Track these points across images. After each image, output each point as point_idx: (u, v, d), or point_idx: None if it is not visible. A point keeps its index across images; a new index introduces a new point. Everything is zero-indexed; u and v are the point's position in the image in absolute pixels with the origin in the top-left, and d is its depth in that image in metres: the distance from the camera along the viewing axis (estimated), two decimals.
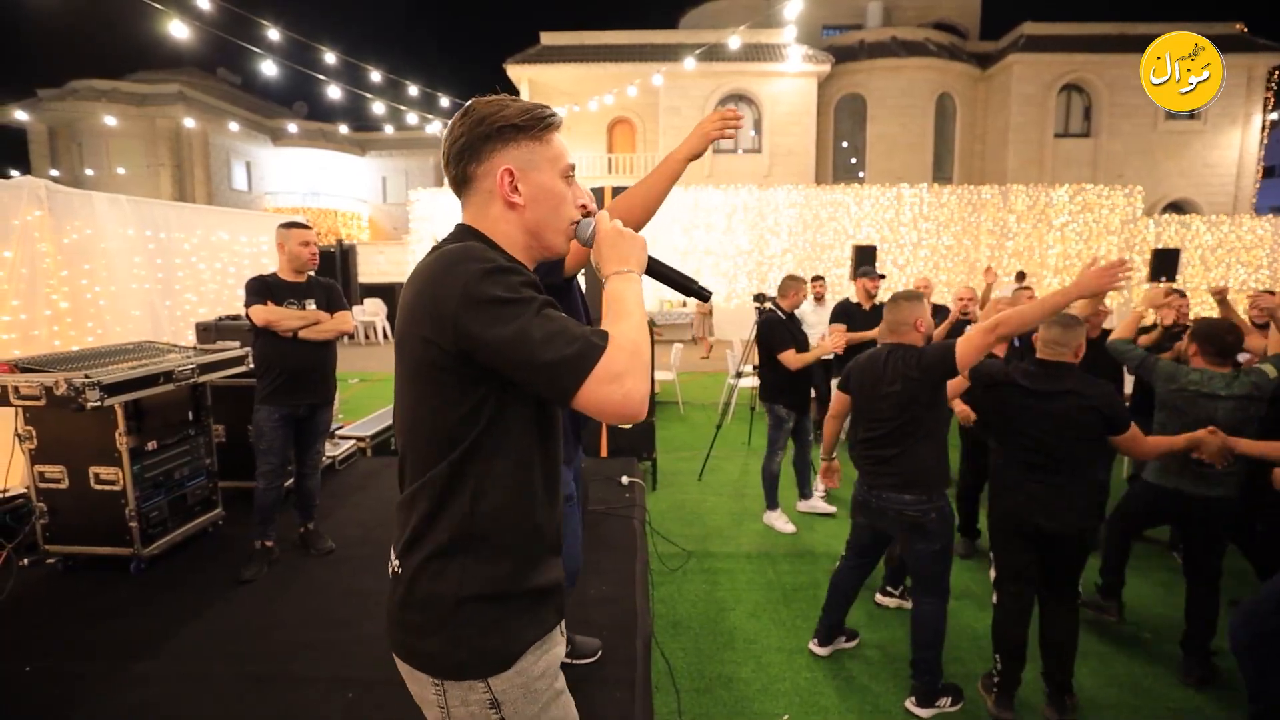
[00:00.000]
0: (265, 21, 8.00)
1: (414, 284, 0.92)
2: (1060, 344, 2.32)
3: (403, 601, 0.94)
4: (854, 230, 13.86)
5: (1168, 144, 20.17)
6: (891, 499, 2.38)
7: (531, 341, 0.82)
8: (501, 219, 0.98)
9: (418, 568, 0.93)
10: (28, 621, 2.57)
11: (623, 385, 0.82)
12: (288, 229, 3.04)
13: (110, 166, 22.58)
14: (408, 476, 0.96)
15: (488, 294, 0.84)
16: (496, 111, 0.96)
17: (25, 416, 2.83)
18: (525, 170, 0.97)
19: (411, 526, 0.93)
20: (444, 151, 0.99)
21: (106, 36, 27.64)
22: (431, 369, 0.88)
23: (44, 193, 3.73)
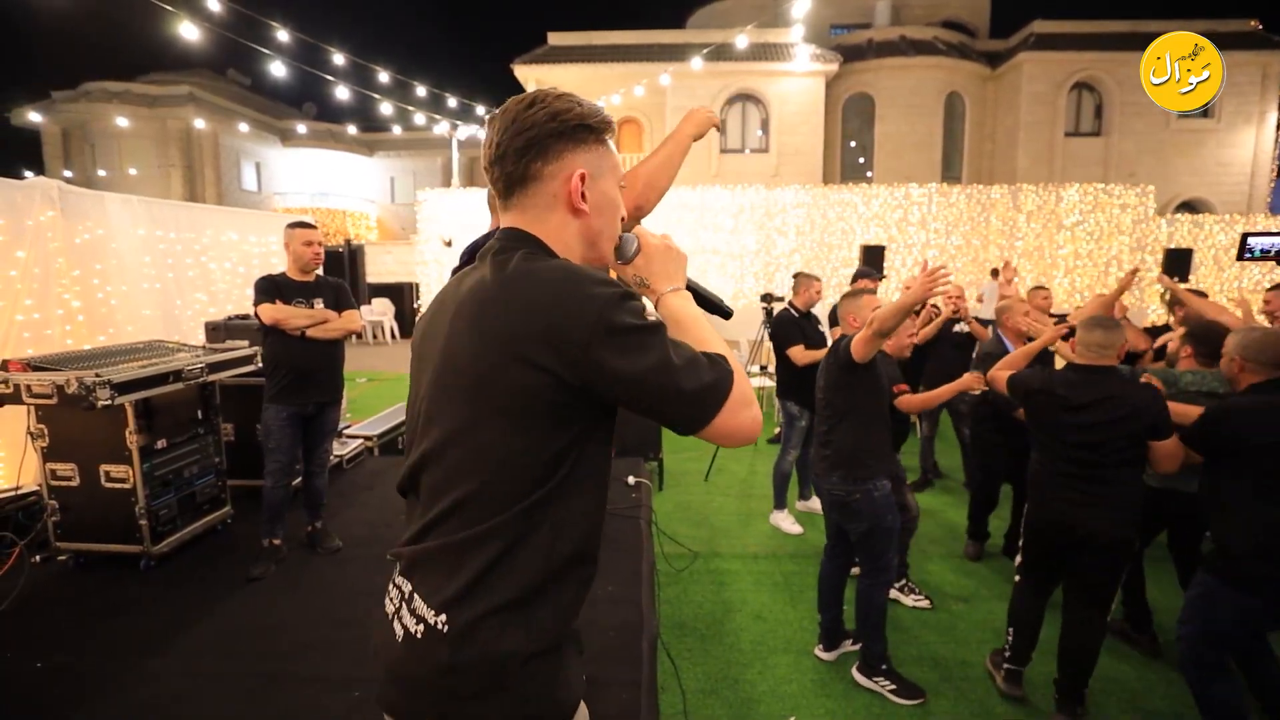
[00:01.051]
0: (274, 23, 8.05)
1: (504, 304, 0.80)
2: (1103, 346, 2.27)
3: (449, 665, 0.78)
4: (862, 230, 13.80)
5: (1180, 143, 19.94)
6: (823, 480, 2.59)
7: (673, 370, 0.76)
8: (563, 226, 0.89)
9: (475, 622, 0.79)
10: (39, 618, 2.59)
11: (751, 409, 0.80)
12: (292, 229, 3.08)
13: (122, 167, 22.80)
14: (465, 518, 0.81)
15: (625, 322, 0.76)
16: (571, 108, 0.87)
17: (38, 415, 2.86)
18: (594, 176, 0.90)
19: (472, 574, 0.80)
20: (497, 143, 0.87)
21: (119, 38, 27.91)
22: (536, 400, 0.78)
23: (56, 193, 3.77)
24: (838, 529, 2.71)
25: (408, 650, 0.82)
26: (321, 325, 3.02)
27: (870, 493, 2.47)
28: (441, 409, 0.85)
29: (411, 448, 0.91)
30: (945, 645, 2.82)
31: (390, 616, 0.87)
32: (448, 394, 0.85)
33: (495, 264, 0.85)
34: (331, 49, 9.27)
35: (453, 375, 0.84)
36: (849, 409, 2.54)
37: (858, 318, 2.59)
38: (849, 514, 2.53)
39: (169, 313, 4.62)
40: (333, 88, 10.34)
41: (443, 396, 0.85)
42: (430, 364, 0.89)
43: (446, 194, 14.65)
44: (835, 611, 2.76)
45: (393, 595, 0.88)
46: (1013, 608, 2.51)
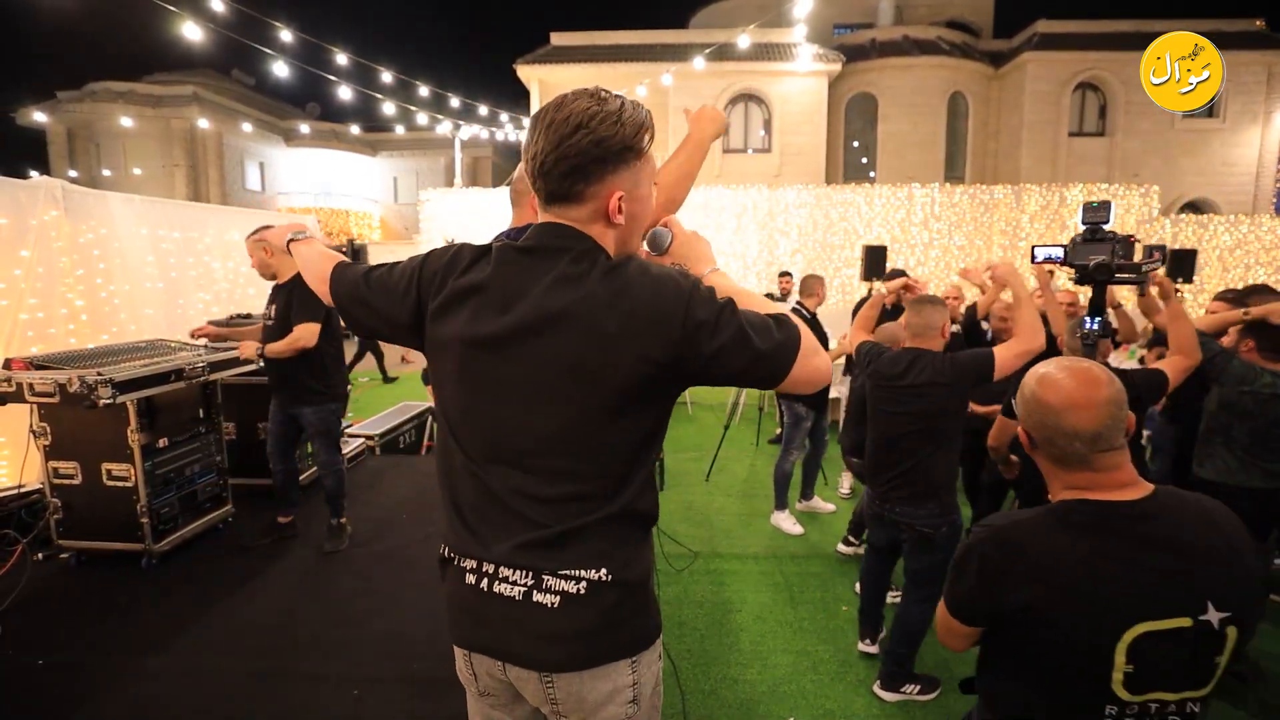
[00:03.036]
0: (278, 23, 8.07)
1: (609, 308, 0.90)
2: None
3: (618, 601, 0.95)
4: (864, 230, 13.77)
5: (1185, 143, 19.86)
6: (905, 513, 2.39)
7: (750, 337, 0.88)
8: (601, 235, 0.97)
9: (620, 566, 0.95)
10: (41, 616, 2.61)
11: (820, 356, 0.92)
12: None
13: (127, 167, 22.89)
14: (585, 504, 0.95)
15: (706, 305, 0.89)
16: (614, 134, 0.90)
17: (40, 413, 2.87)
18: (631, 191, 0.95)
19: (613, 525, 0.96)
20: (542, 158, 0.91)
21: (123, 39, 28.04)
22: (645, 392, 0.92)
23: (60, 193, 3.79)
24: (888, 542, 2.60)
25: (569, 609, 0.93)
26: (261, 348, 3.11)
27: (955, 523, 2.36)
28: (545, 408, 0.94)
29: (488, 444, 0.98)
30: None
31: (522, 597, 0.95)
32: (552, 393, 0.93)
33: (580, 266, 0.93)
34: (335, 49, 9.29)
35: (559, 375, 0.92)
36: (954, 434, 2.36)
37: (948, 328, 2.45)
38: (929, 547, 2.36)
39: (171, 312, 4.64)
40: (336, 88, 10.36)
41: (546, 395, 0.93)
42: (514, 363, 0.94)
43: (449, 194, 14.67)
44: (880, 606, 2.75)
45: (515, 578, 0.95)
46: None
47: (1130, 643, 1.00)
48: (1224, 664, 1.02)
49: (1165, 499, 1.07)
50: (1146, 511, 1.05)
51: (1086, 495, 1.08)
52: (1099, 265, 1.90)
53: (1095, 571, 1.01)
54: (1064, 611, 1.02)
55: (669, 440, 5.60)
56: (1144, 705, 1.02)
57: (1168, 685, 1.02)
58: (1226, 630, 1.00)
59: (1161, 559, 1.01)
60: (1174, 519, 1.05)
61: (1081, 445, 1.07)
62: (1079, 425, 1.07)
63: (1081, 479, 1.09)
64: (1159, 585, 1.00)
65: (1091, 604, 1.01)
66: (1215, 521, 1.06)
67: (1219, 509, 1.09)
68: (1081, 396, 1.08)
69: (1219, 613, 0.99)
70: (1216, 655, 1.01)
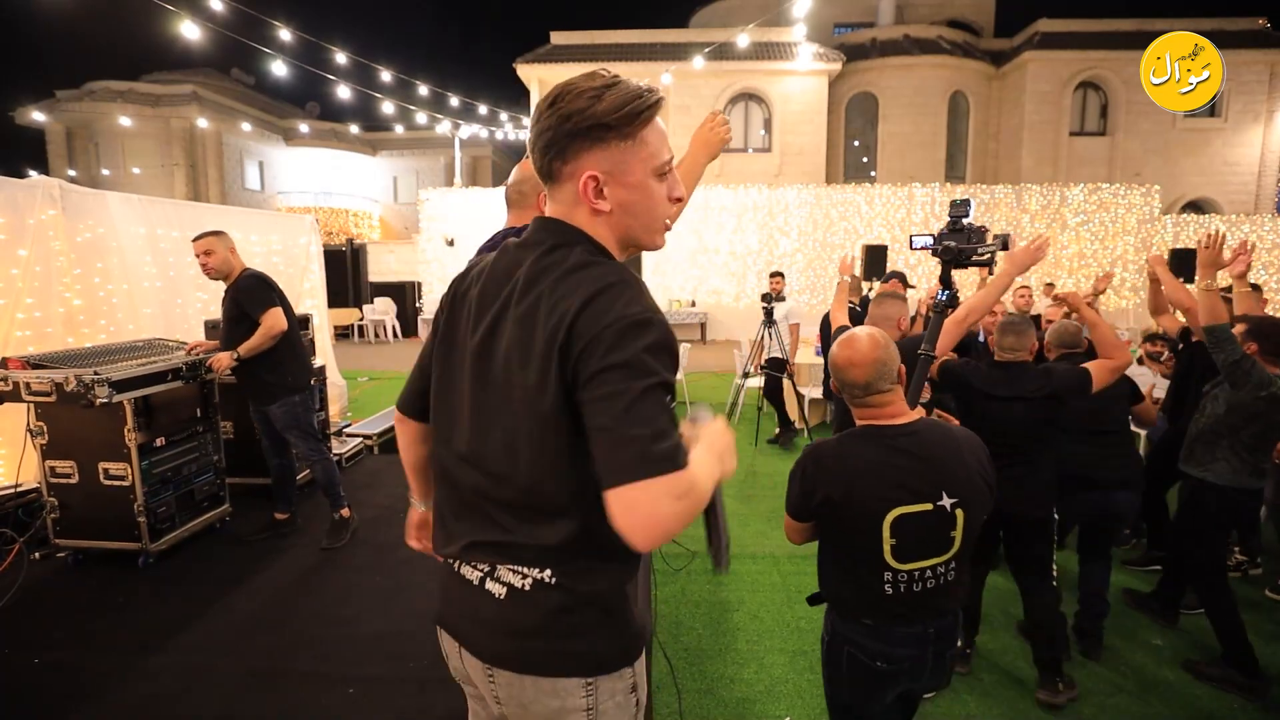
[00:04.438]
0: (277, 22, 8.07)
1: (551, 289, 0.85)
2: (1016, 349, 2.48)
3: (562, 606, 0.89)
4: (865, 230, 13.77)
5: (1187, 142, 19.84)
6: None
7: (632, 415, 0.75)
8: (589, 223, 0.91)
9: (577, 572, 0.90)
10: (38, 615, 2.61)
11: (682, 503, 0.74)
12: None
13: (126, 166, 22.89)
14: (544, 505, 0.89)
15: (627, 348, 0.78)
16: (586, 108, 0.85)
17: (37, 412, 2.87)
18: (613, 174, 0.88)
19: (565, 534, 0.88)
20: (530, 138, 0.92)
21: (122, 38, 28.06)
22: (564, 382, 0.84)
23: (58, 192, 3.78)
24: None
25: (512, 606, 0.91)
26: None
27: None
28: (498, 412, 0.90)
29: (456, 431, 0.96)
30: None
31: (478, 582, 0.94)
32: (495, 384, 0.90)
33: (540, 255, 0.89)
34: (334, 48, 9.29)
35: (505, 361, 0.88)
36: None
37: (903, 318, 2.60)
38: None
39: (170, 311, 4.63)
40: (336, 87, 10.36)
41: (490, 386, 0.91)
42: (478, 355, 0.92)
43: (449, 193, 14.68)
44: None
45: (475, 564, 0.95)
46: None
47: (892, 521, 1.41)
48: (959, 538, 1.44)
49: (922, 424, 1.49)
50: (905, 431, 1.47)
51: (869, 423, 1.51)
52: (945, 249, 2.31)
53: (868, 471, 1.43)
54: (849, 500, 1.43)
55: None
56: (909, 572, 1.44)
57: (922, 554, 1.43)
58: (956, 512, 1.42)
59: (912, 462, 1.43)
60: (925, 437, 1.46)
61: (859, 390, 1.49)
62: (855, 378, 1.48)
63: (865, 413, 1.52)
64: (910, 480, 1.42)
65: (865, 494, 1.42)
66: (955, 439, 1.49)
67: (962, 433, 1.54)
68: (857, 357, 1.48)
69: (950, 499, 1.41)
70: (951, 530, 1.43)
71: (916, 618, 1.46)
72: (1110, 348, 2.43)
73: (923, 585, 1.44)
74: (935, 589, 1.45)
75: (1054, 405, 2.40)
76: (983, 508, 1.47)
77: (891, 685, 1.51)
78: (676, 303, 13.86)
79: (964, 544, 1.45)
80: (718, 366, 10.41)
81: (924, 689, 1.60)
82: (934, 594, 1.45)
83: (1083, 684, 2.57)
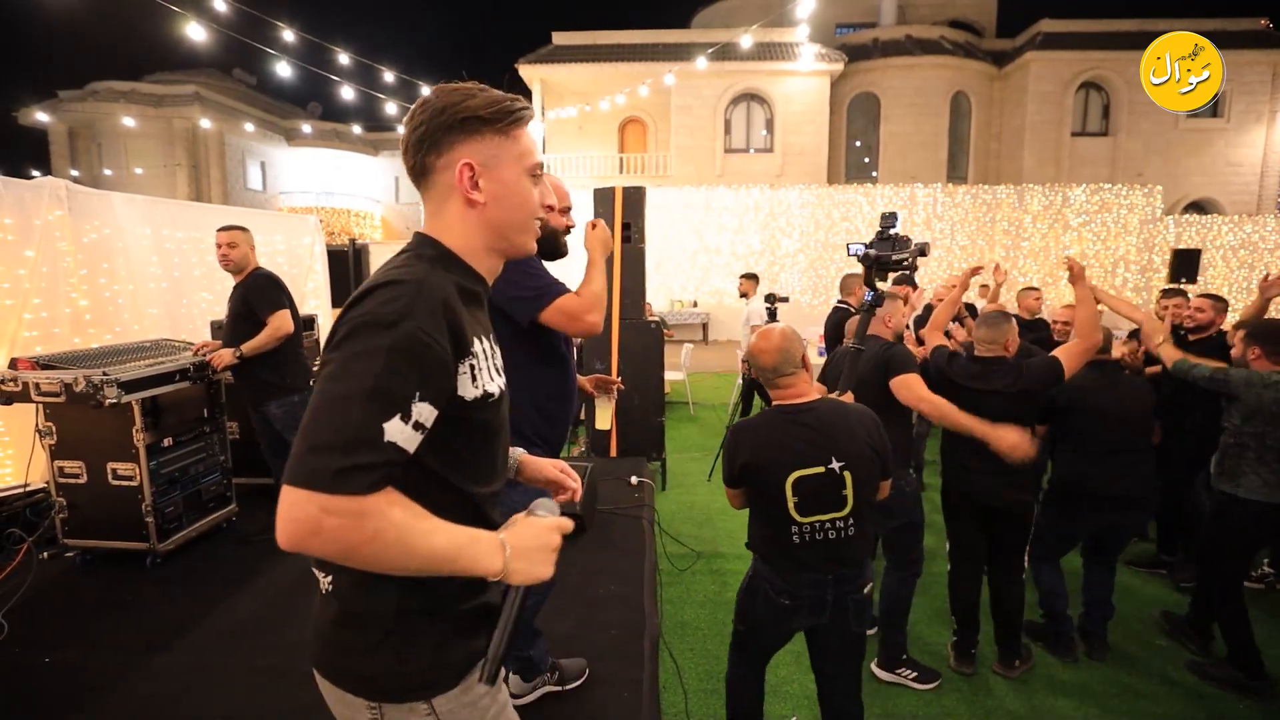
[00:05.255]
0: (280, 23, 8.08)
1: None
2: (990, 342, 2.56)
3: (338, 619, 0.87)
4: (867, 230, 13.75)
5: (1189, 142, 19.81)
6: None
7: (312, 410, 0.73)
8: (460, 218, 0.91)
9: (355, 582, 0.85)
10: (47, 614, 2.62)
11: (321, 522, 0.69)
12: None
13: (128, 166, 22.91)
14: None
15: (348, 351, 0.75)
16: (460, 101, 0.88)
17: (46, 412, 2.88)
18: (488, 166, 0.90)
19: None
20: (403, 139, 0.93)
21: (125, 38, 28.08)
22: None
23: (64, 193, 3.79)
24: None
25: (318, 607, 0.92)
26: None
27: (901, 488, 2.44)
28: None
29: None
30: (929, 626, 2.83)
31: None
32: None
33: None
34: (337, 49, 9.31)
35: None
36: (887, 406, 2.46)
37: (892, 319, 2.64)
38: (887, 513, 2.47)
39: (175, 311, 4.64)
40: (338, 87, 10.37)
41: None
42: None
43: None
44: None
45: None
46: (952, 599, 2.74)
47: (793, 482, 1.74)
48: (850, 496, 1.74)
49: (820, 403, 1.82)
50: (805, 408, 1.79)
51: (778, 402, 1.84)
52: (866, 255, 2.57)
53: (773, 441, 1.77)
54: (760, 464, 1.77)
55: (671, 440, 5.62)
56: (811, 524, 1.75)
57: (820, 509, 1.74)
58: (844, 474, 1.73)
59: (808, 433, 1.75)
60: (820, 413, 1.78)
61: (769, 373, 1.81)
62: (765, 363, 1.80)
63: (775, 393, 1.85)
64: (806, 448, 1.74)
65: (771, 459, 1.76)
66: (847, 414, 1.81)
67: (857, 409, 1.86)
68: (767, 346, 1.80)
69: (838, 463, 1.73)
70: (843, 490, 1.74)
71: (818, 565, 1.77)
72: (1084, 328, 2.46)
73: (824, 536, 1.75)
74: (836, 541, 1.76)
75: (1028, 399, 2.47)
76: (871, 470, 1.78)
77: (794, 618, 1.83)
78: (678, 303, 13.86)
79: (857, 502, 1.76)
80: (719, 367, 10.42)
81: (836, 629, 1.84)
82: (835, 545, 1.76)
83: (1088, 685, 2.58)
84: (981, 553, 2.69)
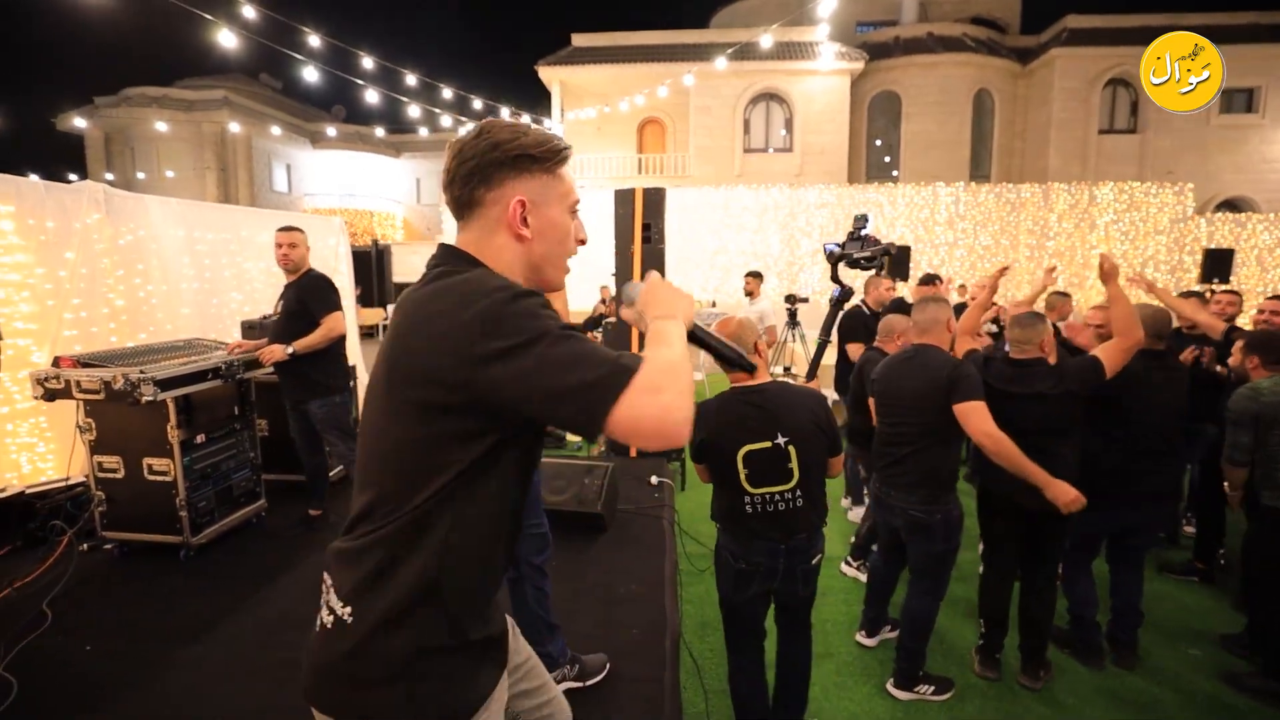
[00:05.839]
0: (305, 28, 8.24)
1: (409, 312, 0.87)
2: (1023, 342, 2.50)
3: (352, 652, 0.85)
4: (887, 230, 13.61)
5: (1222, 139, 19.29)
6: (900, 498, 2.46)
7: (553, 365, 0.76)
8: (505, 250, 0.94)
9: (380, 615, 0.85)
10: (87, 603, 2.70)
11: (659, 396, 0.75)
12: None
13: (160, 170, 23.52)
14: (370, 515, 0.88)
15: (505, 322, 0.78)
16: (514, 139, 0.92)
17: (86, 409, 2.98)
18: (537, 203, 0.94)
19: (370, 568, 0.86)
20: (449, 169, 0.94)
21: (158, 46, 28.83)
22: (429, 411, 0.83)
23: (102, 196, 3.91)
24: (893, 537, 2.67)
25: (323, 639, 0.90)
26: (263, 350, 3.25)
27: (950, 514, 2.40)
28: (368, 417, 0.92)
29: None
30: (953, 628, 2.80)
31: (320, 609, 0.93)
32: (373, 403, 0.91)
33: (423, 279, 0.92)
34: (360, 53, 9.46)
35: (378, 386, 0.90)
36: (947, 428, 2.42)
37: (952, 322, 2.56)
38: (926, 535, 2.42)
39: (206, 311, 4.75)
40: (361, 91, 10.54)
41: (370, 405, 0.92)
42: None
43: None
44: (883, 605, 2.86)
45: (323, 589, 0.94)
46: (982, 601, 2.69)
47: (744, 455, 1.92)
48: (795, 469, 1.91)
49: (770, 385, 1.98)
50: (756, 390, 1.95)
51: (734, 385, 1.99)
52: (830, 253, 2.68)
53: (727, 419, 1.95)
54: (715, 440, 1.95)
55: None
56: (761, 495, 1.93)
57: (768, 481, 1.92)
58: (789, 448, 1.90)
59: (757, 412, 1.92)
60: (768, 394, 1.94)
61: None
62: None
63: (733, 377, 1.96)
64: (755, 425, 1.92)
65: (725, 435, 1.94)
66: (793, 395, 1.97)
67: (803, 392, 2.01)
68: (723, 333, 1.87)
69: (784, 438, 1.90)
70: (788, 463, 1.91)
71: (769, 533, 1.93)
72: (1123, 325, 2.39)
73: (774, 507, 1.92)
74: (785, 511, 1.92)
75: (1072, 400, 2.40)
76: (816, 445, 1.94)
77: (752, 582, 2.00)
78: (698, 303, 13.79)
79: (803, 475, 1.91)
80: None
81: (787, 593, 2.05)
82: (784, 515, 1.93)
83: (1119, 694, 2.54)
84: (1016, 556, 2.63)
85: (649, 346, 0.87)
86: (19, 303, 3.49)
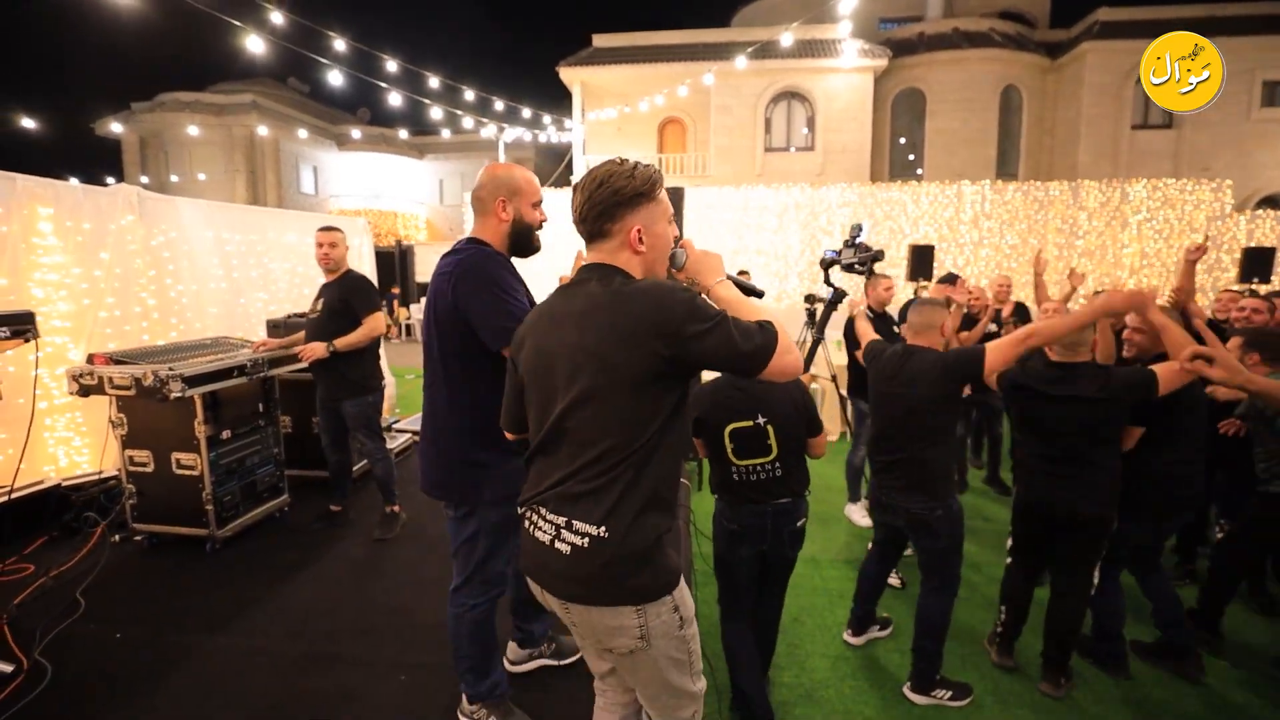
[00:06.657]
0: (331, 33, 8.39)
1: (622, 310, 1.19)
2: (1074, 345, 2.40)
3: (617, 555, 1.18)
4: (910, 230, 13.41)
5: (1263, 133, 18.61)
6: (899, 499, 2.46)
7: (735, 339, 1.16)
8: (628, 262, 1.30)
9: (631, 523, 1.19)
10: (119, 593, 2.79)
11: (791, 355, 1.20)
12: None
13: (192, 173, 24.16)
14: (600, 460, 1.20)
15: (699, 314, 1.17)
16: (627, 185, 1.26)
17: (118, 405, 3.08)
18: (648, 226, 1.29)
19: (617, 495, 1.19)
20: (579, 210, 1.29)
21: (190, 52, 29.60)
22: (650, 375, 1.18)
23: (136, 199, 4.03)
24: (889, 536, 2.69)
25: (580, 556, 1.20)
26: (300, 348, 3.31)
27: (950, 509, 2.38)
28: (582, 391, 1.21)
29: (545, 421, 1.28)
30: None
31: (549, 542, 1.24)
32: (586, 379, 1.20)
33: (602, 285, 1.25)
34: (385, 56, 9.60)
35: (589, 365, 1.20)
36: (948, 429, 2.42)
37: (947, 325, 2.55)
38: (928, 532, 2.42)
39: (233, 310, 4.88)
40: (385, 94, 10.70)
41: (580, 381, 1.21)
42: (561, 359, 1.25)
43: None
44: (870, 604, 2.85)
45: (544, 527, 1.25)
46: (1005, 586, 2.70)
47: (729, 432, 2.15)
48: (774, 445, 2.13)
49: None
50: None
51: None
52: (821, 259, 3.03)
53: (715, 401, 2.16)
54: (706, 418, 2.17)
55: None
56: (746, 466, 2.16)
57: (751, 455, 2.15)
58: (767, 427, 2.13)
59: (741, 394, 2.15)
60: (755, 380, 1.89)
61: None
62: None
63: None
64: (738, 405, 2.14)
65: (713, 414, 2.16)
66: (774, 383, 2.11)
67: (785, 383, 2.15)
68: None
69: (763, 418, 2.13)
70: (767, 440, 2.13)
71: (755, 499, 2.17)
72: (1178, 349, 2.21)
73: (757, 477, 2.16)
74: (767, 480, 2.16)
75: (1114, 406, 2.31)
76: (794, 425, 2.16)
77: (743, 543, 2.22)
78: None
79: (781, 450, 2.14)
80: None
81: (776, 554, 2.25)
82: (767, 484, 2.16)
83: (1144, 703, 2.47)
84: (1043, 559, 2.60)
85: (752, 314, 1.25)
86: (56, 301, 3.61)
